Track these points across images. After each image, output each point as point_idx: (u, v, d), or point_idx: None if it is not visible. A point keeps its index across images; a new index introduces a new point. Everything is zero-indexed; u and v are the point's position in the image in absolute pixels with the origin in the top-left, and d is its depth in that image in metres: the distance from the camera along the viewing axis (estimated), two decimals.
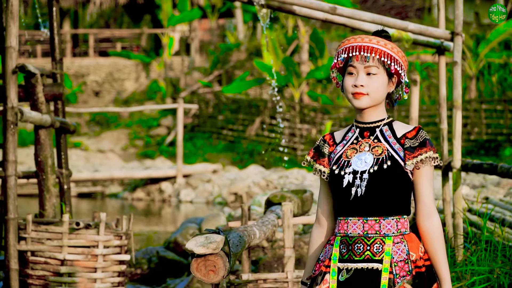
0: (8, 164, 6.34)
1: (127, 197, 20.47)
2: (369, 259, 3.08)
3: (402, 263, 3.05)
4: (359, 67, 3.12)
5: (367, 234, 3.10)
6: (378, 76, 3.11)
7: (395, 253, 3.06)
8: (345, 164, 3.15)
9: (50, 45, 7.07)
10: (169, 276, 8.60)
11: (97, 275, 6.37)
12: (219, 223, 8.98)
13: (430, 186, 3.10)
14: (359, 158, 3.14)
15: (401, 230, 3.09)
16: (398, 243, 3.07)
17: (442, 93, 6.83)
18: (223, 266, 3.69)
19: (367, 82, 3.11)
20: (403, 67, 3.14)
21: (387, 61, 3.10)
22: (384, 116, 3.18)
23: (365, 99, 3.12)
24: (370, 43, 3.11)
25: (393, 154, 3.10)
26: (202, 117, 26.68)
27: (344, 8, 6.57)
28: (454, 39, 6.53)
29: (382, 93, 3.13)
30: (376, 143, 3.14)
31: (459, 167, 6.44)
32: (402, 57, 3.14)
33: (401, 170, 3.08)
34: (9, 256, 6.32)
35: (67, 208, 6.96)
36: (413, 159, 3.06)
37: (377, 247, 3.09)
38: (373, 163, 3.10)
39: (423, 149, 3.07)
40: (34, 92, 6.61)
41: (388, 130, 3.16)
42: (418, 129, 3.12)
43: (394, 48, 3.12)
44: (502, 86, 20.86)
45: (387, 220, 3.10)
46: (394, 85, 3.17)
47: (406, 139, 3.11)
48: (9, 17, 6.34)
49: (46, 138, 6.66)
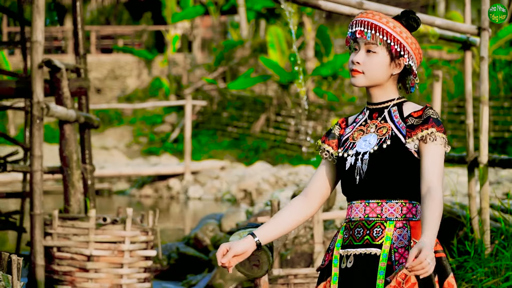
0: (34, 159, 6.32)
1: (134, 194, 20.43)
2: (368, 244, 2.92)
3: (402, 249, 2.88)
4: (361, 43, 2.99)
5: (368, 218, 2.95)
6: (378, 55, 2.97)
7: (395, 239, 2.89)
8: (349, 146, 3.04)
9: (74, 40, 7.04)
10: (189, 272, 8.58)
11: (123, 271, 6.35)
12: (238, 219, 8.96)
13: (435, 166, 2.87)
14: (364, 139, 3.01)
15: (406, 216, 2.91)
16: (400, 227, 2.90)
17: (468, 89, 6.82)
18: (267, 261, 3.67)
19: (365, 60, 2.98)
20: (410, 53, 2.98)
21: (387, 40, 2.95)
22: (394, 96, 3.03)
23: (361, 77, 2.99)
24: (373, 19, 2.97)
25: (396, 133, 2.95)
26: (206, 114, 26.64)
27: (371, 2, 6.54)
28: (481, 34, 6.51)
29: (381, 73, 2.98)
30: (383, 123, 3.01)
31: (486, 162, 6.42)
32: (411, 44, 2.97)
33: (403, 149, 2.92)
34: (35, 251, 6.30)
35: (91, 204, 6.93)
36: (414, 136, 2.91)
37: (377, 231, 2.93)
38: (376, 144, 2.97)
39: (424, 126, 2.90)
40: (59, 87, 6.58)
41: (396, 110, 3.01)
42: (425, 108, 2.96)
43: (403, 33, 2.97)
44: (508, 83, 20.82)
45: (390, 203, 2.93)
46: (400, 68, 3.00)
47: (411, 117, 2.96)
48: (35, 11, 6.32)
49: (71, 133, 6.63)
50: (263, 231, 3.11)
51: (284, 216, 3.12)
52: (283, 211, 3.13)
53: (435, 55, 23.83)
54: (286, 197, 12.97)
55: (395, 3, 27.22)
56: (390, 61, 2.98)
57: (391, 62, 2.98)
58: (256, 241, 3.09)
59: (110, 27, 33.12)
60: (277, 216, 3.13)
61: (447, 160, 7.44)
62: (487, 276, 5.34)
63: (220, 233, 8.89)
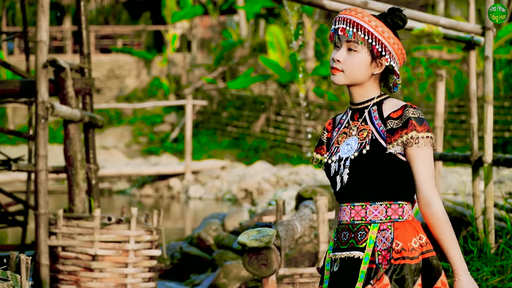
0: (39, 158, 6.31)
1: (135, 193, 20.41)
2: (352, 247, 2.91)
3: (385, 252, 2.85)
4: (343, 40, 2.94)
5: (353, 221, 2.93)
6: (359, 54, 2.92)
7: (379, 241, 2.87)
8: (334, 151, 3.02)
9: (78, 40, 7.03)
10: (193, 272, 8.58)
11: (128, 270, 6.34)
12: (242, 218, 8.96)
13: (424, 169, 2.85)
14: (347, 143, 2.98)
15: (391, 217, 2.89)
16: (384, 230, 2.88)
17: (472, 88, 6.82)
18: (276, 260, 3.67)
19: (345, 58, 2.93)
20: (392, 53, 2.93)
21: (368, 39, 2.89)
22: (374, 95, 2.98)
23: (340, 76, 2.94)
24: (356, 16, 2.92)
25: (376, 137, 2.90)
26: (206, 113, 26.63)
27: (375, 2, 6.54)
28: (485, 34, 6.52)
29: (361, 73, 2.93)
30: (363, 125, 2.96)
31: (491, 161, 6.42)
32: (393, 44, 2.93)
33: (385, 153, 2.87)
34: (40, 251, 6.30)
35: (96, 203, 6.93)
36: (394, 142, 2.86)
37: (361, 234, 2.91)
38: (356, 148, 2.93)
39: (404, 130, 2.84)
40: (63, 86, 6.58)
41: (376, 110, 2.95)
42: (404, 107, 2.89)
43: (385, 32, 2.92)
44: (508, 82, 20.83)
45: (374, 205, 2.91)
46: (381, 68, 2.94)
47: (390, 119, 2.90)
48: (39, 11, 6.31)
49: (76, 132, 6.63)
50: None
51: None
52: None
53: (435, 55, 23.83)
54: (289, 196, 12.97)
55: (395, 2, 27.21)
56: (371, 60, 2.94)
57: (372, 61, 2.94)
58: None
59: (109, 27, 33.10)
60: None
61: (451, 160, 7.48)
62: (492, 275, 5.35)
63: (223, 232, 8.89)
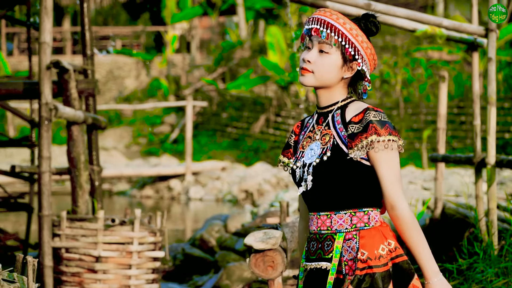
0: (42, 160, 6.31)
1: (135, 194, 20.40)
2: (320, 258, 2.86)
3: (351, 262, 2.80)
4: (315, 41, 2.87)
5: (320, 231, 2.88)
6: (331, 55, 2.85)
7: (345, 251, 2.82)
8: (299, 156, 2.95)
9: (81, 41, 7.03)
10: (195, 273, 8.58)
11: (131, 272, 6.34)
12: (244, 220, 8.96)
13: (388, 173, 2.78)
14: (311, 148, 2.91)
15: (357, 225, 2.82)
16: (349, 239, 2.82)
17: (475, 90, 6.83)
18: (282, 262, 3.67)
19: (316, 59, 2.86)
20: (364, 58, 2.86)
21: (341, 42, 2.83)
22: (340, 99, 2.91)
23: (309, 77, 2.86)
24: (330, 18, 2.86)
25: (338, 143, 2.84)
26: (206, 114, 26.63)
27: (378, 3, 6.56)
28: (488, 35, 6.51)
29: (331, 75, 2.85)
30: (326, 130, 2.89)
31: (494, 163, 6.42)
32: (366, 49, 2.86)
33: (347, 159, 2.80)
34: (43, 253, 6.29)
35: (99, 205, 6.93)
36: (354, 147, 2.78)
37: (327, 245, 2.85)
38: (319, 154, 2.87)
39: (364, 134, 2.77)
40: (67, 88, 6.58)
41: (339, 114, 2.88)
42: (366, 110, 2.81)
43: (359, 36, 2.85)
44: (508, 83, 20.85)
45: (339, 214, 2.85)
46: (352, 72, 2.88)
47: (352, 124, 2.82)
48: (43, 12, 6.30)
49: (79, 134, 6.62)
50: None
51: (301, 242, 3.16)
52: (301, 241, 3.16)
53: (435, 56, 23.84)
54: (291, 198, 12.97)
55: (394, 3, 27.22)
56: (343, 64, 2.86)
57: (344, 65, 2.87)
58: None
59: (109, 27, 33.09)
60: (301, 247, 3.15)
61: (453, 161, 7.49)
62: (497, 276, 5.35)
63: (226, 234, 8.90)
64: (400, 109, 21.85)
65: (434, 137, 20.97)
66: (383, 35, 26.03)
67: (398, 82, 23.70)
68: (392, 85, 23.89)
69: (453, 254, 6.84)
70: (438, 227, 7.42)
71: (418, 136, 21.45)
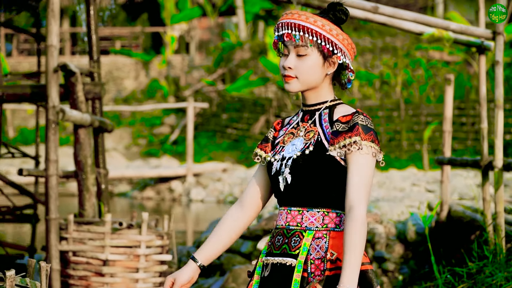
0: (49, 163, 6.29)
1: (136, 196, 20.37)
2: (285, 253, 2.80)
3: (319, 261, 2.75)
4: (290, 46, 2.84)
5: (289, 226, 2.82)
6: (309, 57, 2.82)
7: (313, 249, 2.77)
8: (279, 150, 2.92)
9: (88, 44, 7.01)
10: (201, 276, 8.57)
11: (139, 275, 6.33)
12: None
13: (358, 176, 2.74)
14: (293, 143, 2.88)
15: (328, 225, 2.79)
16: (319, 238, 2.78)
17: (482, 93, 6.83)
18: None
19: (296, 63, 2.83)
20: (343, 50, 2.84)
21: (317, 40, 2.80)
22: (328, 98, 2.89)
23: (295, 82, 2.84)
24: (300, 19, 2.81)
25: (321, 139, 2.82)
26: (205, 115, 26.63)
27: (386, 7, 6.56)
28: (495, 39, 6.52)
29: (316, 76, 2.84)
30: (312, 127, 2.88)
31: (501, 166, 6.42)
32: (343, 40, 2.83)
33: (327, 156, 2.79)
34: (51, 256, 6.28)
35: (105, 208, 6.92)
36: (336, 144, 2.77)
37: (294, 241, 2.80)
38: (301, 148, 2.84)
39: (348, 134, 2.76)
40: (74, 91, 6.56)
41: (327, 113, 2.87)
42: (355, 113, 2.81)
43: (333, 30, 2.81)
44: (509, 84, 20.88)
45: (311, 212, 2.80)
46: (334, 67, 2.86)
47: (338, 122, 2.81)
48: (50, 15, 6.29)
49: (86, 137, 6.61)
50: (204, 252, 2.99)
51: (222, 232, 3.00)
52: (220, 226, 3.01)
53: (436, 57, 23.85)
54: None
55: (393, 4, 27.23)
56: (323, 61, 2.85)
57: (324, 62, 2.85)
58: (199, 265, 2.99)
59: (107, 28, 33.08)
60: (215, 232, 3.01)
61: (460, 164, 7.49)
62: (507, 280, 5.35)
63: None
64: (400, 110, 21.85)
65: (434, 139, 20.99)
66: (383, 36, 26.02)
67: (398, 83, 23.71)
68: (392, 86, 23.90)
69: (460, 257, 6.84)
70: (444, 229, 7.42)
71: (419, 137, 21.46)
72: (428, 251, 7.48)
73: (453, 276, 6.02)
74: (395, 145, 21.72)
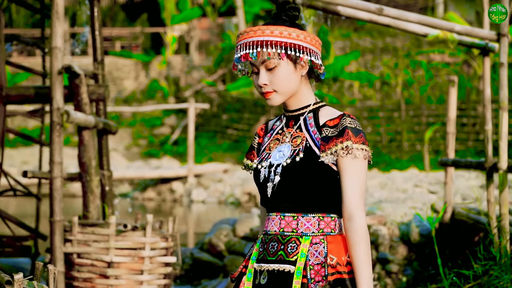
0: (54, 165, 6.29)
1: (137, 197, 20.36)
2: (281, 260, 2.78)
3: (318, 266, 2.73)
4: (257, 64, 2.82)
5: (283, 232, 2.80)
6: (279, 68, 2.80)
7: (311, 255, 2.75)
8: (265, 157, 2.90)
9: (92, 46, 7.01)
10: (204, 277, 8.57)
11: (143, 277, 6.32)
12: (253, 224, 8.94)
13: (353, 182, 2.74)
14: (279, 150, 2.86)
15: (324, 230, 2.78)
16: (316, 243, 2.76)
17: (486, 94, 6.82)
18: None
19: (269, 78, 2.81)
20: (308, 47, 2.81)
21: (281, 51, 2.77)
22: (310, 102, 2.88)
23: (275, 96, 2.83)
24: (256, 36, 2.79)
25: (311, 145, 2.81)
26: (206, 116, 26.63)
27: (391, 9, 6.55)
28: (500, 40, 6.52)
29: (292, 82, 2.83)
30: (298, 132, 2.86)
31: (506, 168, 6.41)
32: (305, 39, 2.81)
33: (318, 162, 2.77)
34: (55, 258, 6.27)
35: (109, 210, 6.91)
36: (328, 151, 2.76)
37: (291, 247, 2.77)
38: (289, 155, 2.83)
39: (339, 139, 2.75)
40: (78, 93, 6.56)
41: (312, 117, 2.86)
42: (342, 116, 2.80)
43: (292, 33, 2.79)
44: (509, 85, 20.88)
45: (307, 217, 2.79)
46: (306, 67, 2.84)
47: (326, 127, 2.80)
48: (54, 17, 6.29)
49: (90, 139, 6.61)
50: None
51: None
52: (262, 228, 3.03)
53: (437, 58, 23.86)
54: None
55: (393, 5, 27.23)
56: (294, 66, 2.82)
57: (296, 66, 2.83)
58: None
59: (107, 29, 33.07)
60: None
61: (464, 166, 7.48)
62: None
63: (234, 238, 8.88)
64: (401, 111, 21.85)
65: (435, 139, 21.00)
66: (384, 37, 26.02)
67: (399, 84, 23.71)
68: (392, 87, 23.90)
69: (464, 259, 6.83)
70: (448, 231, 7.42)
71: (420, 138, 21.46)
72: (432, 252, 7.48)
73: (458, 278, 6.02)
74: (395, 145, 21.72)
